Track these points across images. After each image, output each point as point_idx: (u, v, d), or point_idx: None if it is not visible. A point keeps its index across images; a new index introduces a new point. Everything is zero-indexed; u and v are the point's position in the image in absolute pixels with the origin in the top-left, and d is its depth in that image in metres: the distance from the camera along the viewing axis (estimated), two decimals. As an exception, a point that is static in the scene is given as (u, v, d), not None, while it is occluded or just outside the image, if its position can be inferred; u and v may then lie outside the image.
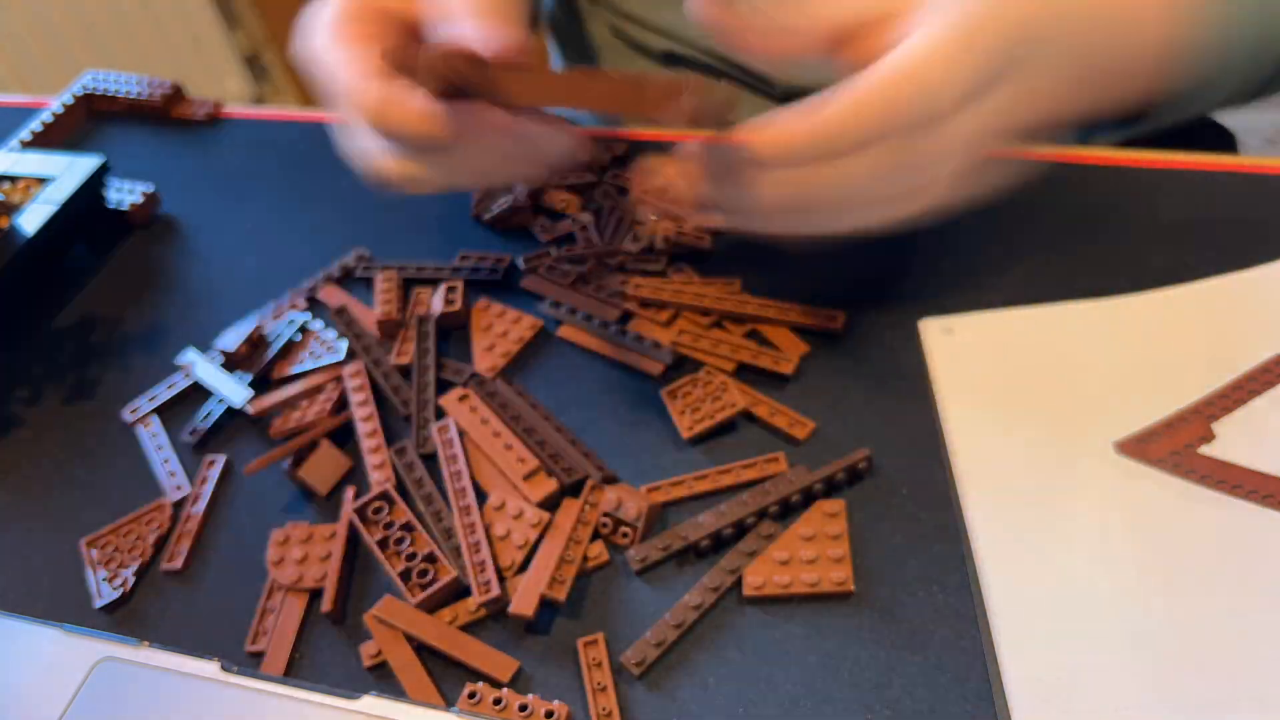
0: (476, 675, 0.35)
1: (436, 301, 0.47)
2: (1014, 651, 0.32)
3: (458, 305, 0.46)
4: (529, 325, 0.46)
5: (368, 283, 0.50)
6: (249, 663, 0.36)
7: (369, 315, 0.48)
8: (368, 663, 0.36)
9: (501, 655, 0.35)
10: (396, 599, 0.36)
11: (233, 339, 0.46)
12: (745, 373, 0.42)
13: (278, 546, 0.39)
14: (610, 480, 0.40)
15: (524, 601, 0.35)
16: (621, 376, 0.43)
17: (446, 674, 0.35)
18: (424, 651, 0.36)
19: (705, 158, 0.37)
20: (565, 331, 0.45)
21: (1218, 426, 0.36)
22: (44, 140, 0.61)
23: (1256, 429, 0.36)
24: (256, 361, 0.46)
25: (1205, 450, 0.36)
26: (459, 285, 0.47)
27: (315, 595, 0.38)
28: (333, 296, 0.49)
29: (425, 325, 0.46)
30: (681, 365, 0.43)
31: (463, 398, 0.42)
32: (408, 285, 0.49)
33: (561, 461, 0.40)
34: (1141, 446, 0.36)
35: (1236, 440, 0.36)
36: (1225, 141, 0.64)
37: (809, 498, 0.38)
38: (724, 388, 0.41)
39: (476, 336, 0.46)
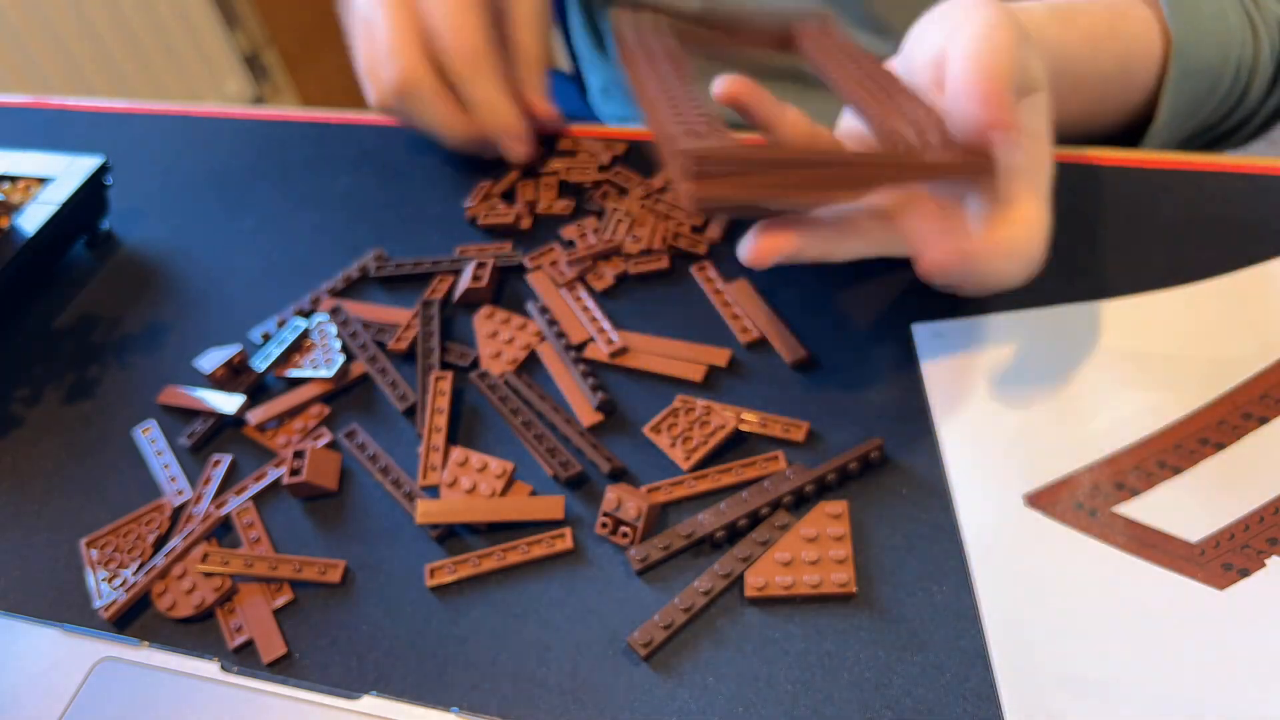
0: (531, 528, 0.38)
1: (463, 279, 0.47)
2: (1006, 652, 0.32)
3: (484, 282, 0.47)
4: (534, 331, 0.46)
5: (381, 282, 0.50)
6: (247, 661, 0.36)
7: (380, 314, 0.48)
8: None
9: (548, 498, 0.38)
10: (432, 499, 0.39)
11: (212, 361, 0.46)
12: (718, 386, 0.42)
13: (159, 597, 0.38)
14: (619, 473, 0.40)
15: None
16: (620, 377, 0.43)
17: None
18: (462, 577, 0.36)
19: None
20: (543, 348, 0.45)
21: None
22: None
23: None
24: (240, 383, 0.46)
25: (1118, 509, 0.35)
26: (489, 263, 0.48)
27: (269, 581, 0.38)
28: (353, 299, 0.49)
29: (430, 310, 0.46)
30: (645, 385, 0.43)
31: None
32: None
33: (559, 455, 0.40)
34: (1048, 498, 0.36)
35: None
36: None
37: (822, 488, 0.38)
38: (708, 411, 0.41)
39: (482, 344, 0.46)
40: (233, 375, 0.46)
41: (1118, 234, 0.45)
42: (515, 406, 0.42)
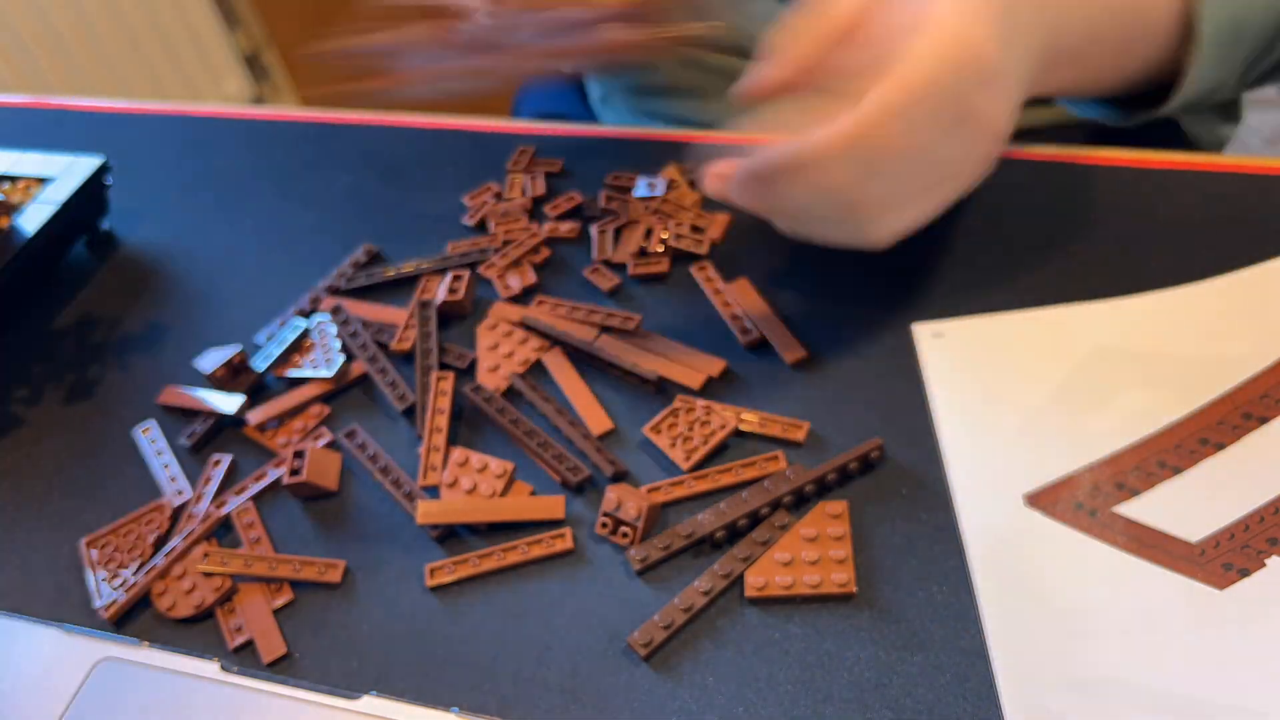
0: (531, 528, 0.38)
1: (441, 290, 0.47)
2: (1006, 652, 0.32)
3: (460, 295, 0.46)
4: (535, 347, 0.45)
5: (377, 286, 0.50)
6: (247, 661, 0.36)
7: (380, 313, 0.48)
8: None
9: (548, 498, 0.38)
10: (433, 500, 0.39)
11: (212, 361, 0.46)
12: (718, 385, 0.42)
13: (159, 598, 0.38)
14: (621, 475, 0.40)
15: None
16: (619, 379, 0.43)
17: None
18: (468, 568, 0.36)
19: (748, 159, 0.38)
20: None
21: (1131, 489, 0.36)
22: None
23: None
24: (240, 383, 0.46)
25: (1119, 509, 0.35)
26: (464, 275, 0.47)
27: (269, 581, 0.38)
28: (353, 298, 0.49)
29: (427, 311, 0.46)
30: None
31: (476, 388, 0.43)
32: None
33: (566, 462, 0.40)
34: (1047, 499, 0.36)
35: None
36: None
37: (822, 488, 0.38)
38: (708, 411, 0.41)
39: (481, 355, 0.45)
40: (233, 375, 0.46)
41: (1118, 234, 0.45)
42: (514, 417, 0.42)
